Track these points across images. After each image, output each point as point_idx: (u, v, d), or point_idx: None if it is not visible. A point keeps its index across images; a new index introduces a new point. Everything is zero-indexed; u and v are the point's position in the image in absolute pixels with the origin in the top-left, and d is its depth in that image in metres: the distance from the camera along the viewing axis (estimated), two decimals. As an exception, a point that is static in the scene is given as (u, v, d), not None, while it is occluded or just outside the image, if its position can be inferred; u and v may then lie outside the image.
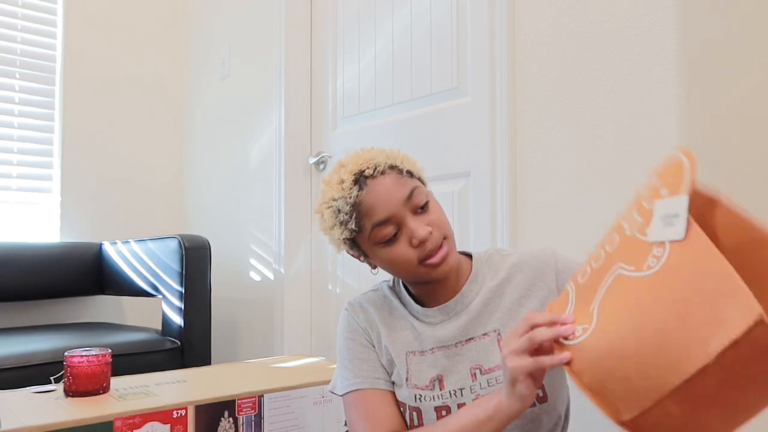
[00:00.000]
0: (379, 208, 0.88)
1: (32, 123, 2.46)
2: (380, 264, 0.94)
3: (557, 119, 1.40)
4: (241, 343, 2.36)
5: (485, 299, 0.94)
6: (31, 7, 2.47)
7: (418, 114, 1.79)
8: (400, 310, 0.99)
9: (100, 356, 1.23)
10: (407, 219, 0.89)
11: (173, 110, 2.80)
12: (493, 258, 0.98)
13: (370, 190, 0.88)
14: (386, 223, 0.88)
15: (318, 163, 2.14)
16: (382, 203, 0.88)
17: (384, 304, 1.01)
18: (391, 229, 0.88)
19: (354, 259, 0.98)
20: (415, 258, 0.89)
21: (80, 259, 2.35)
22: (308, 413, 1.35)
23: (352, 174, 0.90)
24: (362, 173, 0.89)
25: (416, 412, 0.94)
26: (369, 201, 0.88)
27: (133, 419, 1.12)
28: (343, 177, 0.90)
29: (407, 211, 0.89)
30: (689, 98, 1.21)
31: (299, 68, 2.21)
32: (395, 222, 0.89)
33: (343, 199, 0.89)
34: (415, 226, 0.88)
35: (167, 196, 2.76)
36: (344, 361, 1.00)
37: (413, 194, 0.89)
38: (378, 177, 0.89)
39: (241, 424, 1.26)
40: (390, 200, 0.88)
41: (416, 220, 0.89)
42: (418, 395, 0.94)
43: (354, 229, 0.90)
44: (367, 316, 1.01)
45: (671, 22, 1.21)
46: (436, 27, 1.73)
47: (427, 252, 0.88)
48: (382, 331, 0.99)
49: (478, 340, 0.93)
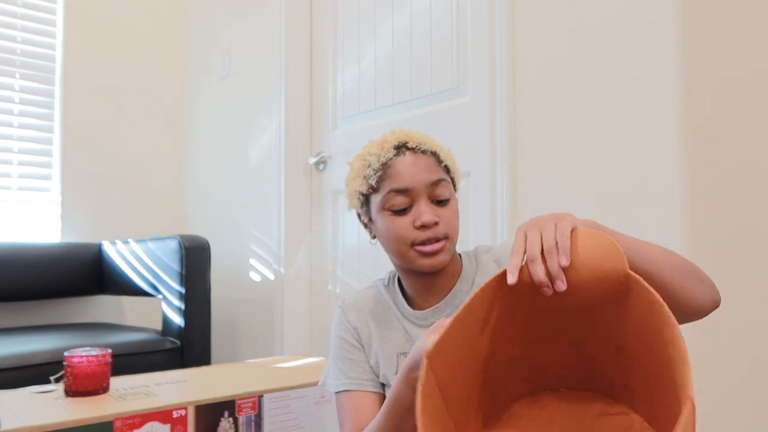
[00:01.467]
0: (403, 176, 0.90)
1: (32, 123, 2.46)
2: (379, 233, 0.95)
3: (557, 119, 1.40)
4: (241, 343, 2.36)
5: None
6: (31, 7, 2.47)
7: (418, 114, 1.78)
8: (393, 310, 0.99)
9: (100, 356, 1.23)
10: (422, 200, 0.91)
11: (173, 110, 2.79)
12: (480, 255, 0.99)
13: (404, 159, 0.91)
14: (403, 192, 0.90)
15: (318, 163, 2.14)
16: (408, 174, 0.90)
17: (378, 302, 1.01)
18: (403, 200, 0.91)
19: (354, 259, 0.98)
20: (411, 238, 0.90)
21: (80, 259, 2.35)
22: (308, 413, 1.35)
23: (396, 139, 0.93)
24: (406, 144, 0.93)
25: None
26: (398, 167, 0.91)
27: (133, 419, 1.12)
28: (388, 139, 0.93)
29: (425, 194, 0.91)
30: (689, 98, 1.21)
31: (299, 68, 2.21)
32: (411, 196, 0.91)
33: (377, 156, 0.92)
34: (424, 209, 0.90)
35: (167, 196, 2.76)
36: (335, 359, 1.01)
37: (439, 184, 0.92)
38: (417, 153, 0.92)
39: (241, 424, 1.26)
40: (416, 175, 0.91)
41: (429, 206, 0.91)
42: None
43: (372, 185, 0.92)
44: (360, 315, 1.01)
45: (671, 22, 1.21)
46: (436, 27, 1.73)
47: (424, 238, 0.90)
48: (373, 331, 0.99)
49: None
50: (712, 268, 1.23)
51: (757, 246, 1.34)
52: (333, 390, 1.00)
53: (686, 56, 1.21)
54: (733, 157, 1.30)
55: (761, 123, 1.37)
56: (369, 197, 0.95)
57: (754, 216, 1.34)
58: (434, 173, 0.92)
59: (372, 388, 0.98)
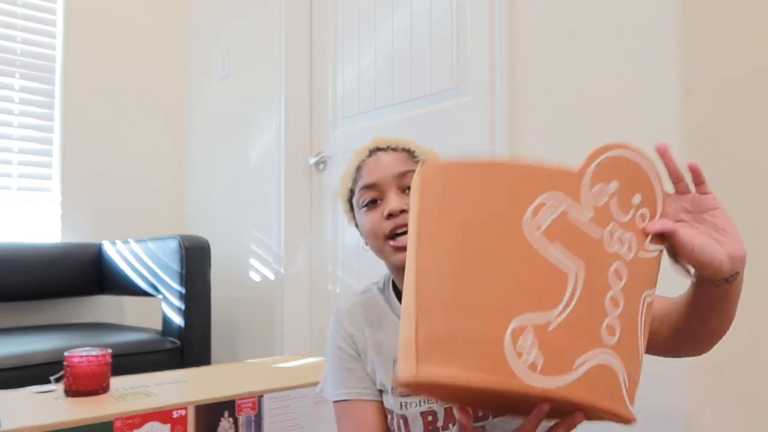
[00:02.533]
0: (371, 173, 0.94)
1: (32, 123, 2.46)
2: (361, 231, 0.98)
3: (557, 119, 1.40)
4: (241, 343, 2.36)
5: None
6: (31, 7, 2.47)
7: (418, 114, 1.79)
8: (389, 314, 0.98)
9: (100, 356, 1.23)
10: (390, 192, 0.92)
11: (173, 110, 2.80)
12: None
13: (374, 159, 0.96)
14: (370, 188, 0.94)
15: (318, 163, 2.14)
16: (374, 170, 0.94)
17: (372, 307, 1.00)
18: (373, 194, 0.94)
19: (354, 259, 0.99)
20: (383, 230, 0.91)
21: (80, 259, 2.35)
22: (308, 413, 1.35)
23: (373, 144, 0.98)
24: (378, 147, 0.98)
25: (403, 420, 0.93)
26: (368, 166, 0.96)
27: (133, 419, 1.12)
28: (366, 145, 0.99)
29: (394, 185, 0.93)
30: (689, 98, 1.21)
31: (299, 68, 2.21)
32: (379, 190, 0.93)
33: (354, 162, 0.99)
34: (391, 199, 0.91)
35: (167, 196, 2.76)
36: (333, 369, 1.01)
37: (407, 175, 0.92)
38: (388, 151, 0.96)
39: (241, 424, 1.26)
40: (382, 170, 0.94)
41: (398, 195, 0.92)
42: (403, 403, 0.93)
43: (351, 188, 0.98)
44: (354, 321, 1.00)
45: (671, 22, 1.21)
46: (436, 27, 1.73)
47: (393, 226, 0.90)
48: (369, 338, 0.98)
49: None
50: (712, 268, 1.23)
51: (757, 245, 1.33)
52: (331, 399, 0.99)
53: (686, 56, 1.21)
54: (733, 157, 1.30)
55: (761, 123, 1.37)
56: (351, 201, 0.99)
57: (754, 215, 1.34)
58: (401, 164, 0.94)
59: (370, 396, 0.97)
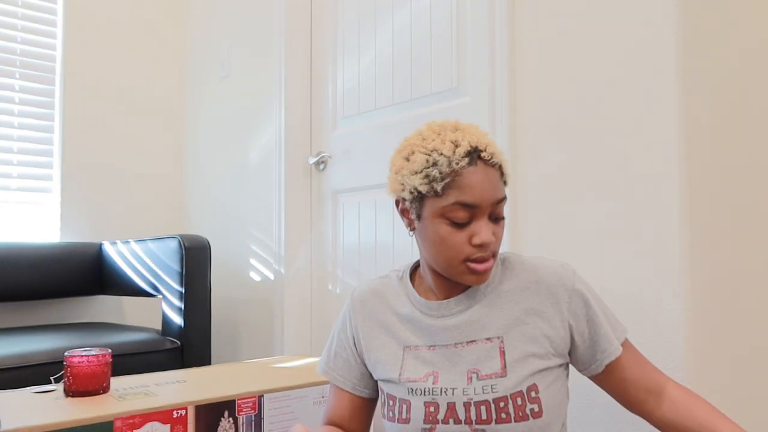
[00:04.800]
0: (474, 192, 0.86)
1: (32, 123, 2.46)
2: (425, 235, 0.91)
3: (557, 119, 1.40)
4: (241, 343, 2.36)
5: (492, 300, 0.94)
6: (31, 7, 2.47)
7: (418, 114, 1.79)
8: (404, 302, 1.00)
9: (100, 356, 1.23)
10: (483, 218, 0.88)
11: (173, 110, 2.80)
12: (509, 260, 0.98)
13: (477, 171, 0.87)
14: (469, 208, 0.87)
15: (318, 163, 2.14)
16: (479, 190, 0.86)
17: (389, 294, 1.02)
18: (466, 215, 0.87)
19: (354, 259, 0.99)
20: (465, 254, 0.88)
21: (80, 259, 2.35)
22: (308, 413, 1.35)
23: (469, 144, 0.87)
24: (478, 151, 0.88)
25: (406, 405, 0.94)
26: (470, 179, 0.86)
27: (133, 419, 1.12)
28: (459, 141, 0.88)
29: (487, 213, 0.89)
30: (689, 98, 1.21)
31: (299, 68, 2.21)
32: (474, 213, 0.88)
33: (448, 160, 0.87)
34: (485, 228, 0.88)
35: (167, 196, 2.76)
36: (330, 345, 1.09)
37: (501, 203, 0.90)
38: (489, 166, 0.88)
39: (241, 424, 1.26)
40: (486, 192, 0.87)
41: (489, 225, 0.89)
42: (410, 388, 0.94)
43: (437, 190, 0.87)
44: (365, 309, 1.03)
45: (671, 22, 1.21)
46: (436, 27, 1.73)
47: (478, 256, 0.88)
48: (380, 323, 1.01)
49: (480, 344, 0.92)
50: (712, 267, 1.23)
51: (757, 245, 1.34)
52: (318, 371, 1.09)
53: (686, 56, 1.21)
54: (732, 156, 1.31)
55: (761, 123, 1.37)
56: (426, 198, 0.89)
57: (754, 215, 1.34)
58: (500, 191, 0.89)
59: (348, 388, 1.05)
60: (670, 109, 1.21)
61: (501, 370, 0.90)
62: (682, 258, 1.17)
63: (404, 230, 1.80)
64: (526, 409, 0.88)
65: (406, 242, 1.80)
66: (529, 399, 0.88)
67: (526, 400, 0.88)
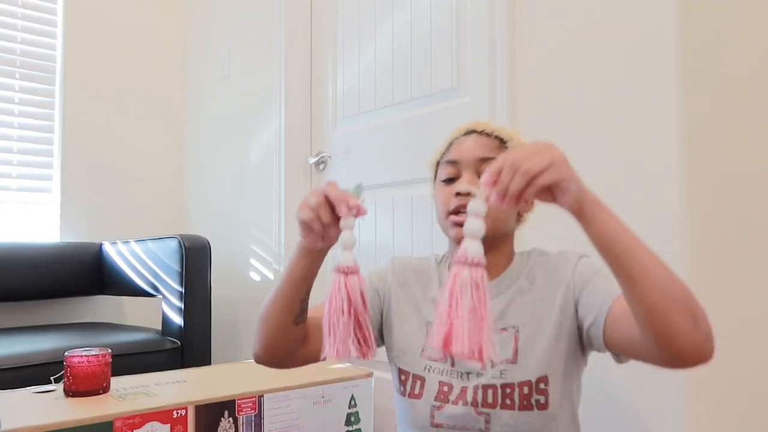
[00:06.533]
0: (455, 151, 0.97)
1: (32, 123, 2.46)
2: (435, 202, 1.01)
3: (557, 119, 1.40)
4: (241, 343, 2.36)
5: (514, 294, 0.95)
6: (31, 7, 2.47)
7: (418, 114, 1.78)
8: (435, 285, 1.01)
9: (100, 356, 1.23)
10: (466, 173, 0.94)
11: (173, 110, 2.80)
12: (531, 256, 1.00)
13: (468, 138, 0.98)
14: (450, 164, 0.96)
15: (318, 163, 2.14)
16: (459, 149, 0.97)
17: (424, 272, 1.04)
18: (451, 171, 0.96)
19: (354, 259, 0.99)
20: (449, 206, 0.94)
21: (80, 259, 2.35)
22: (308, 413, 1.35)
23: (470, 126, 1.00)
24: (474, 129, 0.99)
25: (420, 381, 0.95)
26: (456, 144, 0.98)
27: (133, 419, 1.12)
28: (467, 125, 1.01)
29: (473, 168, 0.94)
30: (689, 98, 1.21)
31: (299, 68, 2.21)
32: (457, 168, 0.96)
33: (449, 138, 1.02)
34: (464, 179, 0.94)
35: (167, 196, 2.76)
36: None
37: (486, 161, 0.93)
38: (481, 135, 0.97)
39: (241, 424, 1.26)
40: (466, 150, 0.96)
41: (473, 179, 0.93)
42: (428, 366, 0.95)
43: (439, 159, 1.01)
44: (401, 275, 1.04)
45: (671, 22, 1.21)
46: (435, 27, 1.73)
47: (457, 206, 0.92)
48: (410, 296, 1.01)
49: (497, 333, 0.93)
50: (712, 267, 1.23)
51: (756, 244, 1.34)
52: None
53: (686, 56, 1.21)
54: (732, 156, 1.31)
55: (761, 123, 1.37)
56: (437, 169, 1.02)
57: (754, 215, 1.34)
58: (487, 151, 0.95)
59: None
60: (670, 109, 1.21)
61: (512, 356, 0.90)
62: (682, 258, 1.17)
63: (404, 230, 1.80)
64: (532, 400, 0.88)
65: (406, 242, 1.79)
66: (537, 390, 0.88)
67: (533, 390, 0.88)
